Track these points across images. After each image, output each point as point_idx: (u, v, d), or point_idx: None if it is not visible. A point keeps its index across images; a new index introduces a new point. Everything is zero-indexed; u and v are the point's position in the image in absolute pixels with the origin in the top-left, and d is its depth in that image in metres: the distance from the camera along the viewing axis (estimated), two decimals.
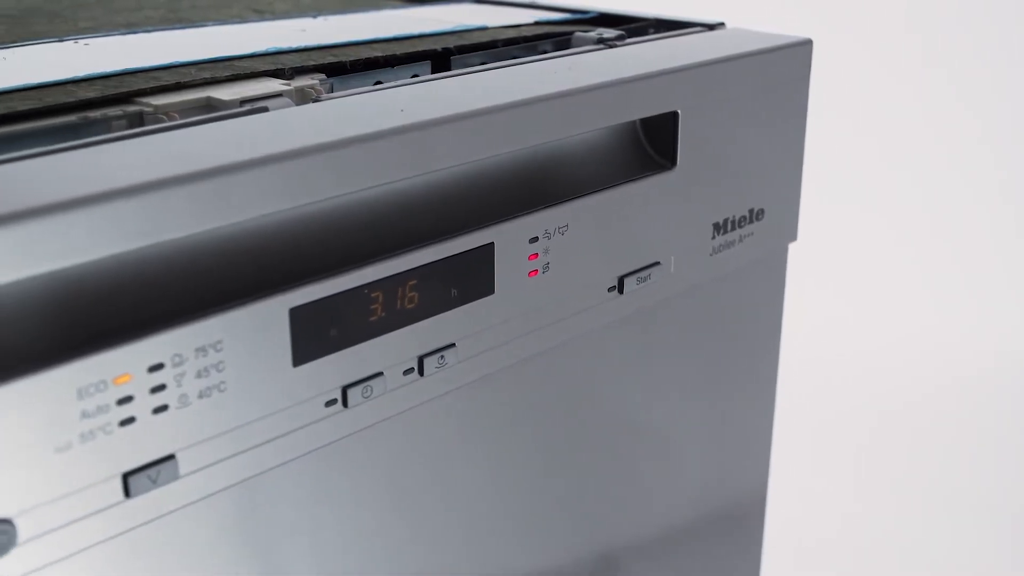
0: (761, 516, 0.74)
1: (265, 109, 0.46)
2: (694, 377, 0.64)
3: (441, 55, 0.57)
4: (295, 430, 0.44)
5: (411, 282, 0.46)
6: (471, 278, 0.48)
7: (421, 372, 0.47)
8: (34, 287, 0.36)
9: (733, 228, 0.61)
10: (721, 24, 0.66)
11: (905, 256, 1.63)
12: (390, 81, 0.55)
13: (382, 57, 0.55)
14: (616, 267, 0.55)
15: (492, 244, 0.48)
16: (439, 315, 0.47)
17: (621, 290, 0.55)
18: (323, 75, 0.52)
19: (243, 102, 0.47)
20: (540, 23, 0.66)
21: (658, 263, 0.57)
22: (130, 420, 0.38)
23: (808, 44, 0.63)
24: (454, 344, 0.48)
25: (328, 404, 0.44)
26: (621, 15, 0.69)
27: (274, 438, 0.43)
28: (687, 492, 0.67)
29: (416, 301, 0.46)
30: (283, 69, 0.51)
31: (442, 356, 0.48)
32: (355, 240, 0.45)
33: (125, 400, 0.38)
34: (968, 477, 1.19)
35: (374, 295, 0.44)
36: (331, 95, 0.49)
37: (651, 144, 0.57)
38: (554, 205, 0.51)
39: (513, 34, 0.62)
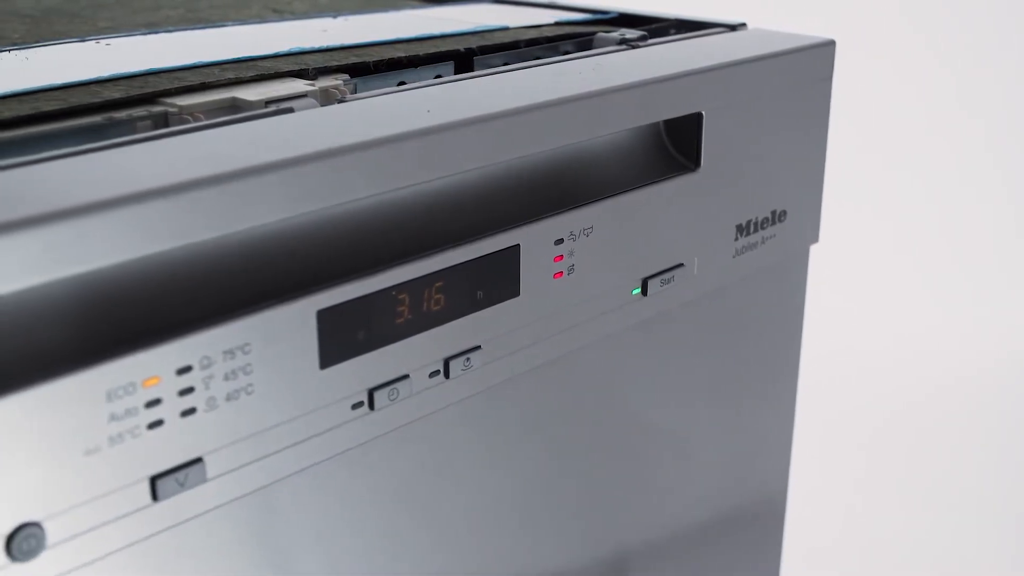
0: (781, 518, 0.74)
1: (291, 110, 0.46)
2: (715, 379, 0.64)
3: (464, 55, 0.57)
4: (321, 433, 0.43)
5: (437, 284, 0.45)
6: (497, 280, 0.48)
7: (447, 374, 0.47)
8: (63, 290, 0.36)
9: (755, 230, 0.61)
10: (743, 25, 0.66)
11: (920, 257, 1.62)
12: (413, 81, 0.55)
13: (405, 57, 0.55)
14: (640, 269, 0.55)
15: (518, 246, 0.48)
16: (465, 317, 0.47)
17: (645, 292, 0.55)
18: (347, 75, 0.52)
19: (268, 103, 0.47)
20: (561, 23, 0.66)
21: (681, 265, 0.57)
22: (158, 423, 0.38)
23: (831, 45, 0.62)
24: (480, 346, 0.48)
25: (355, 407, 0.44)
26: (642, 15, 0.68)
27: (301, 441, 0.43)
28: (707, 494, 0.67)
29: (442, 303, 0.46)
30: (307, 69, 0.51)
31: (468, 358, 0.47)
32: (381, 242, 0.45)
33: (153, 403, 0.38)
34: (992, 478, 1.18)
35: (400, 297, 0.44)
36: (356, 96, 0.48)
37: (674, 145, 0.56)
38: (579, 207, 0.50)
39: (535, 34, 0.61)
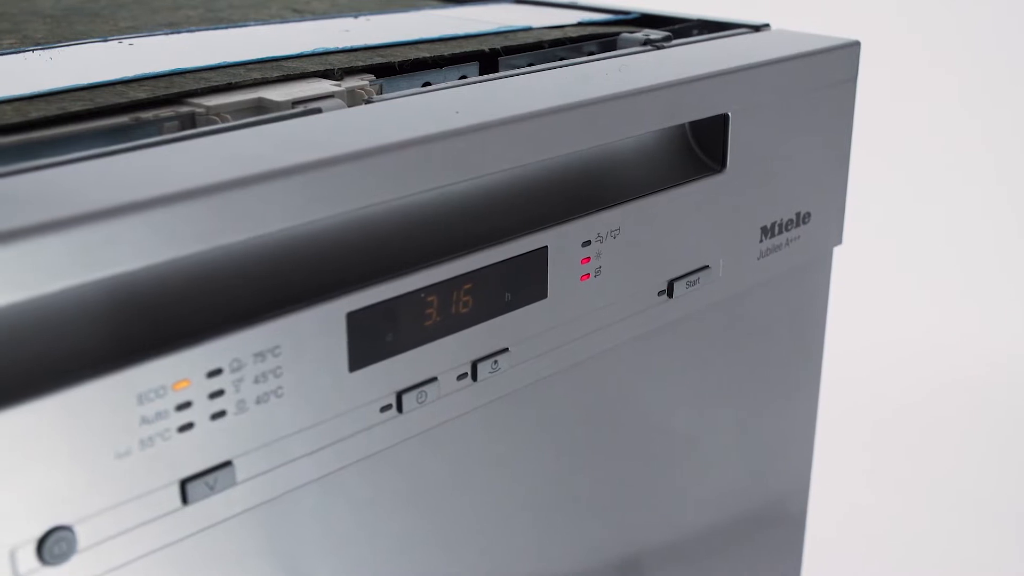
0: (802, 519, 0.73)
1: (318, 110, 0.45)
2: (737, 381, 0.63)
3: (489, 56, 0.57)
4: (350, 436, 0.43)
5: (466, 286, 0.45)
6: (525, 282, 0.47)
7: (474, 377, 0.47)
8: (94, 293, 0.36)
9: (780, 231, 0.61)
10: (766, 25, 0.65)
11: (937, 258, 1.62)
12: (438, 82, 0.55)
13: (430, 58, 0.54)
14: (666, 271, 0.54)
15: (546, 248, 0.48)
16: (492, 319, 0.47)
17: (671, 294, 0.55)
18: (372, 76, 0.51)
19: (295, 103, 0.46)
20: (584, 24, 0.65)
21: (707, 267, 0.56)
22: (188, 426, 0.38)
23: (856, 45, 0.62)
24: (507, 349, 0.48)
25: (383, 410, 0.44)
26: (664, 16, 0.68)
27: (329, 444, 0.42)
28: (728, 495, 0.66)
29: (470, 305, 0.46)
30: (332, 70, 0.51)
31: (495, 361, 0.47)
32: (409, 244, 0.44)
33: (184, 406, 0.37)
34: (1011, 480, 1.18)
35: (429, 299, 0.44)
36: (383, 97, 0.48)
37: (700, 146, 0.56)
38: (606, 208, 0.50)
39: (559, 35, 0.61)
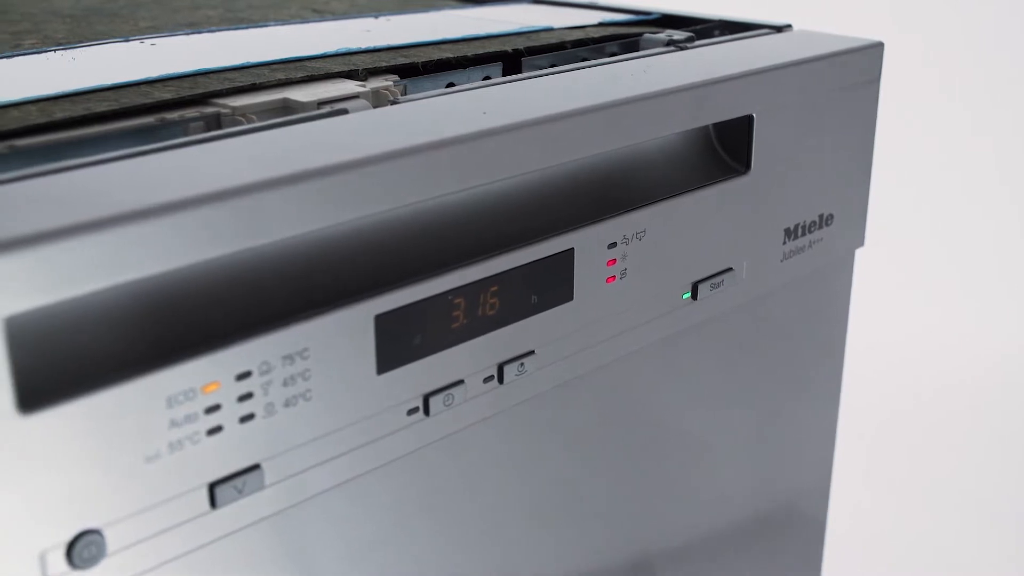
0: (822, 522, 0.73)
1: (345, 111, 0.45)
2: (759, 383, 0.63)
3: (512, 56, 0.56)
4: (377, 439, 0.43)
5: (493, 288, 0.45)
6: (551, 284, 0.47)
7: (500, 379, 0.46)
8: (123, 295, 0.36)
9: (803, 233, 0.60)
10: (788, 26, 0.65)
11: (957, 260, 1.61)
12: (461, 82, 0.54)
13: (453, 58, 0.54)
14: (690, 273, 0.54)
15: (572, 250, 0.47)
16: (519, 322, 0.46)
17: (695, 296, 0.54)
18: (396, 76, 0.51)
19: (321, 104, 0.46)
20: (605, 24, 0.65)
21: (731, 269, 0.56)
22: (217, 429, 0.38)
23: (879, 46, 0.62)
24: (533, 351, 0.47)
25: (410, 412, 0.43)
26: (685, 16, 0.68)
27: (356, 447, 0.42)
28: (749, 498, 0.66)
29: (497, 307, 0.45)
30: (356, 70, 0.50)
31: (522, 363, 0.47)
32: (436, 246, 0.44)
33: (213, 409, 0.37)
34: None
35: (456, 301, 0.44)
36: (408, 97, 0.48)
37: (724, 148, 0.56)
38: (633, 210, 0.50)
39: (580, 35, 0.61)
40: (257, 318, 0.38)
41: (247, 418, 0.38)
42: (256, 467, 0.39)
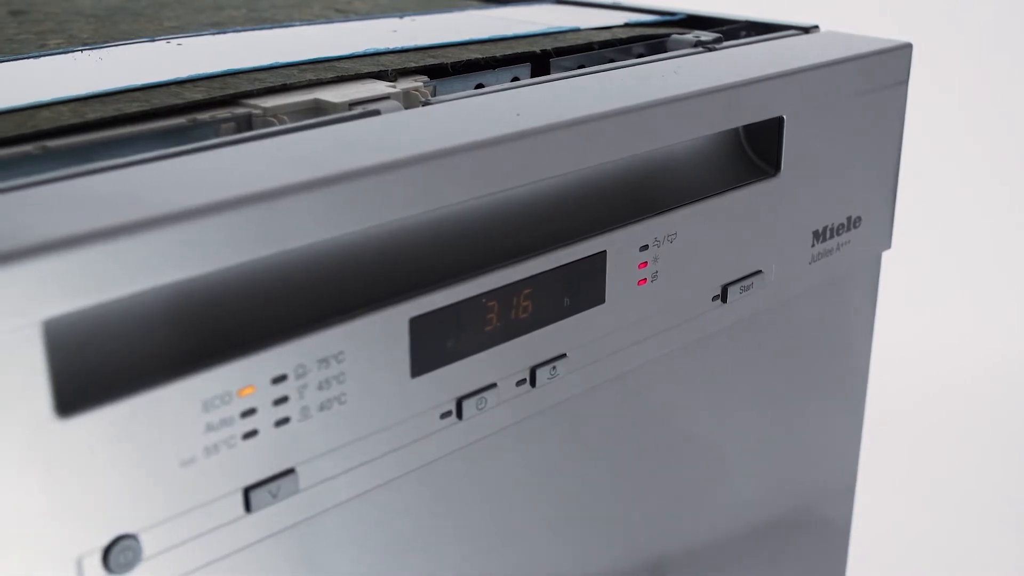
0: (847, 525, 0.73)
1: (377, 112, 0.45)
2: (785, 386, 0.62)
3: (540, 57, 0.56)
4: (410, 443, 0.42)
5: (526, 291, 0.44)
6: (583, 287, 0.47)
7: (533, 383, 0.46)
8: (158, 298, 0.35)
9: (831, 236, 0.60)
10: (815, 27, 0.65)
11: (981, 262, 1.60)
12: (490, 83, 0.54)
13: (482, 59, 0.54)
14: (720, 276, 0.53)
15: (604, 252, 0.47)
16: (551, 325, 0.46)
17: (725, 299, 0.54)
18: (426, 77, 0.51)
19: (352, 105, 0.46)
20: (631, 25, 0.65)
21: (759, 272, 0.56)
22: (253, 433, 0.37)
23: (908, 47, 0.61)
24: (565, 354, 0.47)
25: (443, 416, 0.43)
26: (711, 17, 0.67)
27: (390, 451, 0.42)
28: (773, 501, 0.66)
29: (530, 310, 0.45)
30: (386, 71, 0.50)
31: (554, 367, 0.46)
32: (469, 248, 0.44)
33: (248, 413, 0.37)
34: None
35: (490, 304, 0.43)
36: (440, 98, 0.47)
37: (754, 150, 0.55)
38: (665, 212, 0.49)
39: (608, 36, 0.60)
40: (293, 321, 0.38)
41: (282, 422, 0.38)
42: (291, 471, 0.39)
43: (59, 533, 0.33)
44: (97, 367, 0.34)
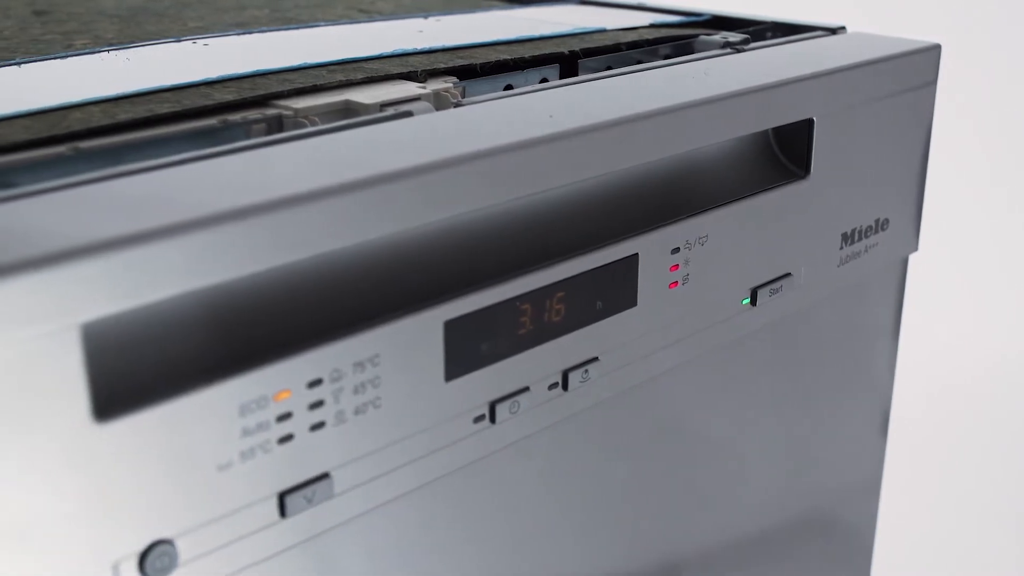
0: (872, 526, 0.72)
1: (409, 114, 0.44)
2: (811, 389, 0.62)
3: (568, 58, 0.56)
4: (444, 447, 0.42)
5: (559, 294, 0.44)
6: (616, 290, 0.46)
7: (565, 386, 0.46)
8: (194, 301, 0.35)
9: (860, 238, 0.60)
10: (842, 28, 0.64)
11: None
12: (519, 84, 0.54)
13: (510, 60, 0.53)
14: (750, 278, 0.53)
15: (636, 255, 0.47)
16: (583, 328, 0.46)
17: (754, 302, 0.54)
18: (455, 78, 0.50)
19: (383, 106, 0.45)
20: (657, 25, 0.64)
21: (789, 274, 0.55)
22: (288, 437, 0.37)
23: (936, 49, 0.61)
24: (597, 358, 0.47)
25: (476, 420, 0.43)
26: (736, 18, 0.67)
27: (423, 456, 0.41)
28: (799, 500, 0.65)
29: (562, 314, 0.45)
30: (415, 71, 0.50)
31: (586, 370, 0.46)
32: (502, 251, 0.44)
33: (284, 417, 0.37)
34: None
35: (523, 307, 0.43)
36: (470, 100, 0.47)
37: (784, 152, 0.55)
38: (696, 215, 0.49)
39: (634, 37, 0.60)
40: (328, 325, 0.38)
41: (317, 426, 0.38)
42: (325, 476, 0.38)
43: (96, 538, 0.33)
44: (135, 371, 0.34)
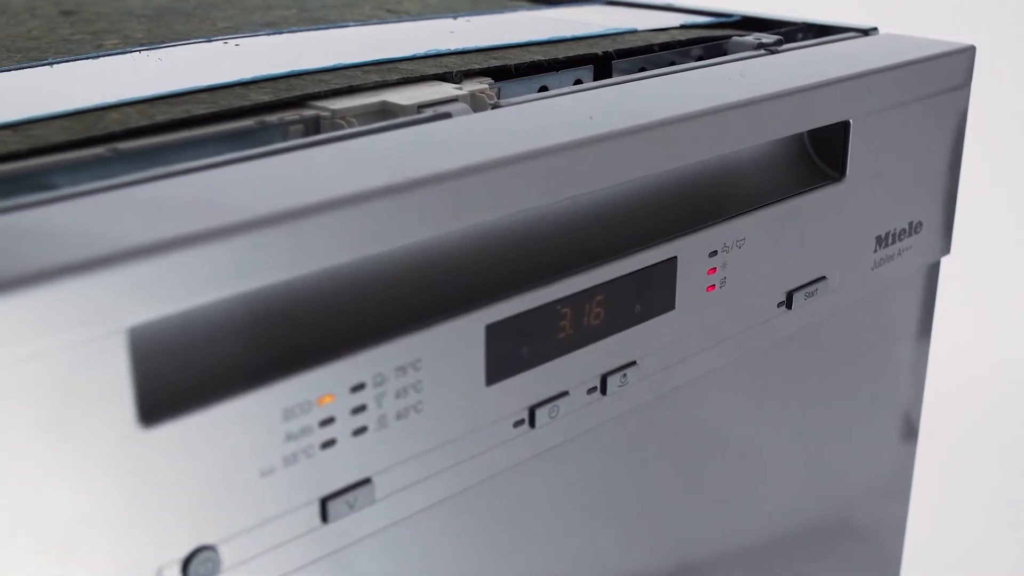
0: (901, 531, 0.72)
1: (447, 115, 0.44)
2: (843, 392, 0.62)
3: (602, 59, 0.55)
4: (484, 452, 0.42)
5: (598, 298, 0.44)
6: (654, 293, 0.46)
7: (603, 391, 0.45)
8: (238, 305, 0.35)
9: (894, 241, 0.59)
10: (874, 29, 0.64)
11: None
12: (553, 85, 0.53)
13: (545, 61, 0.53)
14: (785, 282, 0.53)
15: (675, 258, 0.46)
16: (621, 332, 0.45)
17: (790, 305, 0.53)
18: (490, 79, 0.50)
19: (420, 107, 0.45)
20: (688, 26, 0.64)
21: (824, 277, 0.55)
22: (331, 443, 0.37)
23: (971, 50, 0.60)
24: (635, 362, 0.46)
25: (516, 424, 0.42)
26: (766, 19, 0.66)
27: (464, 460, 0.41)
28: (829, 505, 0.65)
29: (601, 317, 0.44)
30: (450, 72, 0.49)
31: (624, 374, 0.46)
32: (542, 255, 0.43)
33: (327, 422, 0.36)
34: None
35: (563, 311, 0.43)
36: (508, 101, 0.47)
37: (819, 155, 0.54)
38: (734, 218, 0.48)
39: (666, 38, 0.60)
40: (371, 329, 0.37)
41: (360, 431, 0.37)
42: (367, 481, 0.38)
43: (140, 544, 0.33)
44: (180, 376, 0.33)
